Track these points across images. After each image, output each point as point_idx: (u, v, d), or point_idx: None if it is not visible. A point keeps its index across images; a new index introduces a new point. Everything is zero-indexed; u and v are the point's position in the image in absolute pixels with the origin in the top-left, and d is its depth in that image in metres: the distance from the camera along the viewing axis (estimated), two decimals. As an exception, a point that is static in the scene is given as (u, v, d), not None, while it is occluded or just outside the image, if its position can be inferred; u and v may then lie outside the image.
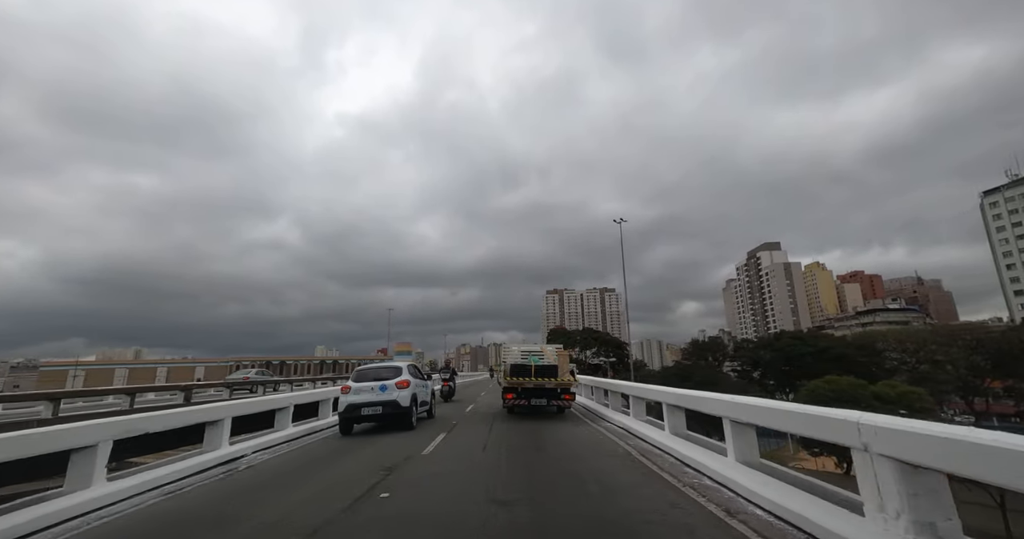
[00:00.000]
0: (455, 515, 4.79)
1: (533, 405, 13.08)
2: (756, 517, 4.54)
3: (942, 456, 2.93)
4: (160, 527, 4.91)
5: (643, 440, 8.85)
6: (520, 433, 10.36)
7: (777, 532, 4.15)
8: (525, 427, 11.22)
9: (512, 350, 13.76)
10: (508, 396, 13.13)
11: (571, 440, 9.40)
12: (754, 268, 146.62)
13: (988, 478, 2.69)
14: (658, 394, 8.80)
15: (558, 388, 12.87)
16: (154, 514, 5.33)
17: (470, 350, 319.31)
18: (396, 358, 67.88)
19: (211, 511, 5.38)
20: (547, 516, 4.74)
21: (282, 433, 10.38)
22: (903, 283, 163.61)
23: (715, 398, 6.37)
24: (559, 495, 5.50)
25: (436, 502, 5.39)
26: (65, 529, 4.72)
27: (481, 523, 4.43)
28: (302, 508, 5.19)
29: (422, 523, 4.62)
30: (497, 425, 11.67)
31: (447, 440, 9.63)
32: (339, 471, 7.13)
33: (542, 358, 13.17)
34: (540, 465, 7.11)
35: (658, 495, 5.38)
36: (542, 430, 10.70)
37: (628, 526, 4.39)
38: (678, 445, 7.41)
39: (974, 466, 2.72)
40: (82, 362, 73.61)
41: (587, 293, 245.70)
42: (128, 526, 4.94)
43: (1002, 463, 2.54)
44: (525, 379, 12.88)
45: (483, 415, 14.04)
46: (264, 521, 4.81)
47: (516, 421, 12.40)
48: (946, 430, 2.92)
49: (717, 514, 4.66)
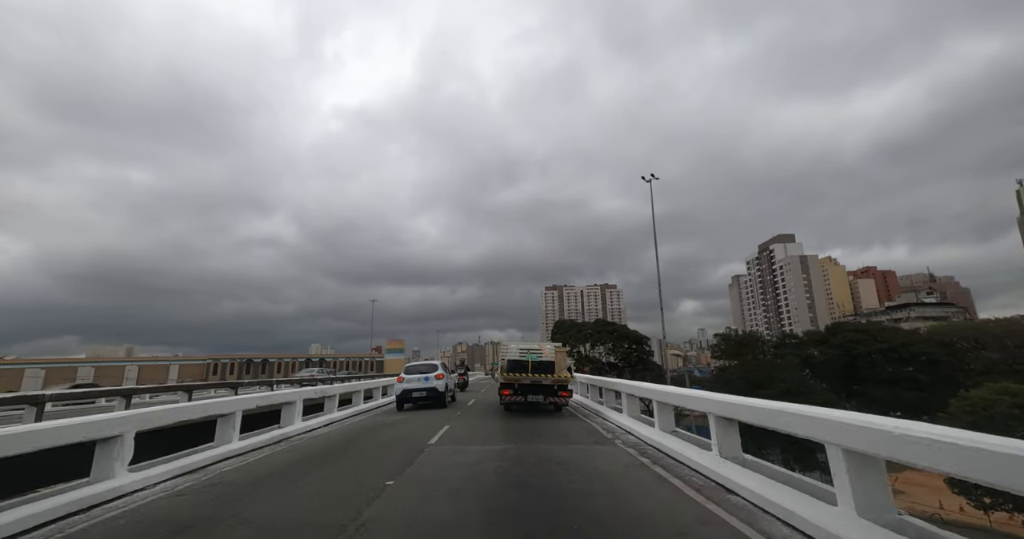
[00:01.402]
0: (488, 447, 8.53)
1: (530, 401, 13.11)
2: (733, 503, 5.09)
3: (893, 448, 3.29)
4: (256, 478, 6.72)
5: (633, 435, 9.40)
6: (519, 432, 10.65)
7: (752, 515, 4.65)
8: (524, 425, 11.53)
9: (511, 348, 13.93)
10: (504, 392, 13.27)
11: (567, 428, 10.98)
12: (766, 261, 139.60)
13: (941, 468, 2.96)
14: (648, 392, 9.30)
15: (555, 385, 12.98)
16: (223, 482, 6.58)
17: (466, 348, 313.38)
18: (387, 355, 66.94)
19: (320, 451, 8.79)
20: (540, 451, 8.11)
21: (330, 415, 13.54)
22: (914, 280, 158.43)
23: (701, 396, 6.86)
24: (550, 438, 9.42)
25: (473, 440, 9.35)
26: (88, 516, 5.07)
27: (501, 450, 8.17)
28: (393, 446, 8.97)
29: (469, 450, 8.27)
30: (498, 407, 15.15)
31: (467, 412, 14.58)
32: (406, 428, 11.46)
33: (540, 355, 13.30)
34: (538, 427, 11.01)
35: (644, 479, 6.25)
36: (539, 424, 11.63)
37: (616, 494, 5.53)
38: (667, 440, 7.84)
39: (921, 457, 3.06)
40: (40, 359, 66.84)
41: (587, 289, 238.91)
42: (167, 507, 5.42)
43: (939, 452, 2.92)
44: (522, 375, 13.02)
45: (488, 401, 18.46)
46: (363, 456, 8.24)
47: (514, 417, 12.95)
48: (899, 425, 3.31)
49: (697, 500, 5.24)
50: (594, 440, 9.19)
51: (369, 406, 16.81)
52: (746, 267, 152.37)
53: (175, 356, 74.88)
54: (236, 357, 72.86)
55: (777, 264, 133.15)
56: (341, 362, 76.55)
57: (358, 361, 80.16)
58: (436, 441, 9.22)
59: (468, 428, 11.06)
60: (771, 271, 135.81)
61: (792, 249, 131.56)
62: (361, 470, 6.95)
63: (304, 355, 79.50)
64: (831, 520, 3.84)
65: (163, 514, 5.06)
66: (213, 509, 5.16)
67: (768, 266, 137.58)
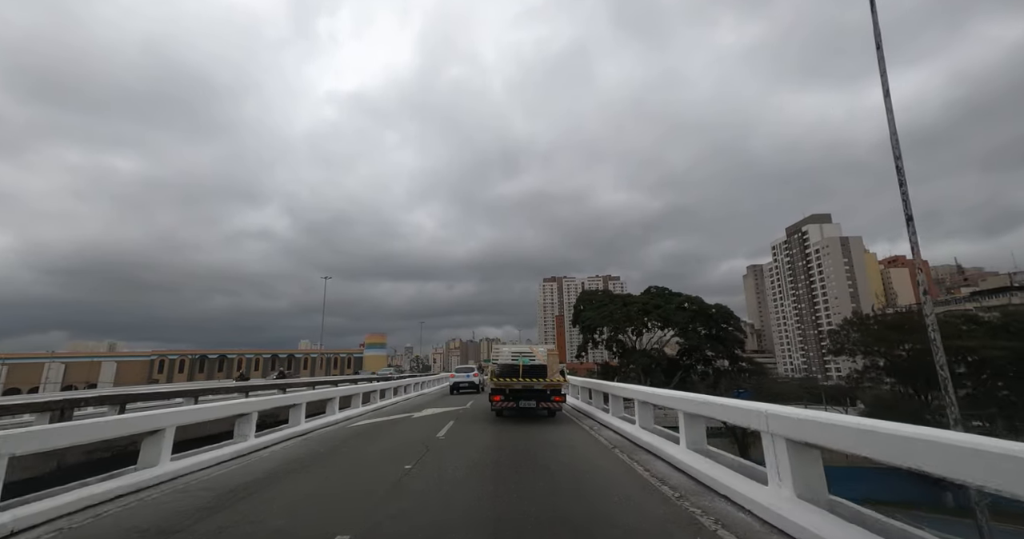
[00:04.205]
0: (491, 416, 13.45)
1: (522, 407, 12.92)
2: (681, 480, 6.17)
3: (814, 434, 4.05)
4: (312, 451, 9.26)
5: (616, 432, 10.19)
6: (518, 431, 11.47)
7: (695, 491, 5.61)
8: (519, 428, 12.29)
9: (502, 351, 13.71)
10: (495, 398, 13.06)
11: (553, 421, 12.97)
12: (798, 245, 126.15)
13: (842, 448, 3.71)
14: (632, 393, 10.04)
15: (547, 389, 12.74)
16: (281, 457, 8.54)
17: (459, 344, 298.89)
18: (367, 351, 67.13)
19: (373, 429, 12.11)
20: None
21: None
22: (939, 272, 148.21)
23: (670, 395, 7.83)
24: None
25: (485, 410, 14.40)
26: (137, 498, 5.91)
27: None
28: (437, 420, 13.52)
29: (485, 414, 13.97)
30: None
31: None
32: (451, 402, 19.50)
33: (532, 358, 13.04)
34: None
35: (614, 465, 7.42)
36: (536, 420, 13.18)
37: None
38: (644, 435, 8.68)
39: (830, 440, 3.85)
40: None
41: (588, 281, 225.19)
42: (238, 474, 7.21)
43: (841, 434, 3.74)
44: (513, 380, 12.72)
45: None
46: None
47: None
48: (816, 415, 4.16)
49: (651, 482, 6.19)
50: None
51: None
52: (771, 253, 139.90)
53: (110, 351, 59.66)
54: (186, 353, 57.89)
55: (812, 247, 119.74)
56: (298, 359, 63.58)
57: (334, 357, 68.81)
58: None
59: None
60: (804, 256, 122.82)
61: (829, 230, 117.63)
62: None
63: (269, 351, 64.94)
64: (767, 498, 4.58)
65: (206, 493, 6.01)
66: (269, 479, 6.71)
67: (801, 250, 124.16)
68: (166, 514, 5.07)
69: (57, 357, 61.49)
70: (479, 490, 5.76)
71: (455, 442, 9.52)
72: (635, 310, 43.03)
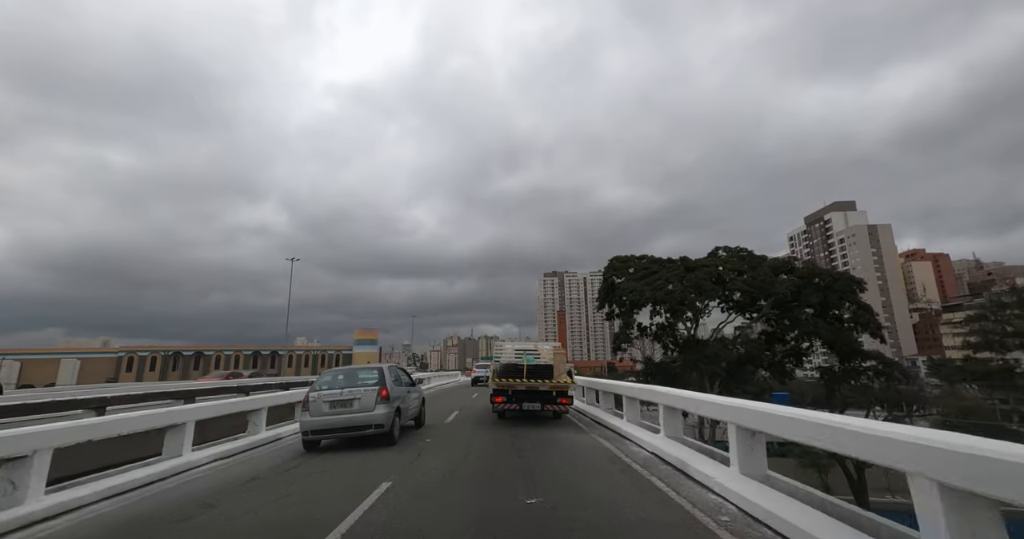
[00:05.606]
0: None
1: (525, 410, 12.08)
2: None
3: (762, 423, 4.94)
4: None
5: (607, 427, 10.93)
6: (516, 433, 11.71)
7: (665, 473, 6.46)
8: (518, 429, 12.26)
9: (505, 348, 13.22)
10: (497, 399, 12.23)
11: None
12: (819, 235, 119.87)
13: (783, 435, 4.56)
14: (625, 389, 10.74)
15: (553, 391, 11.94)
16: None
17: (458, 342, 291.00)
18: (357, 348, 66.27)
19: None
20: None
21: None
22: (958, 267, 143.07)
23: (656, 390, 8.58)
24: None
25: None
26: (161, 485, 6.74)
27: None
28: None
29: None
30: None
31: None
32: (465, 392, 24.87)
33: (537, 357, 12.43)
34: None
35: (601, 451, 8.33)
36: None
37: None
38: (629, 428, 9.65)
39: (771, 428, 4.77)
40: None
41: (591, 276, 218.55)
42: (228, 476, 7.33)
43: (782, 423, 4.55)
44: (516, 381, 11.96)
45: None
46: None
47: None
48: (763, 406, 5.08)
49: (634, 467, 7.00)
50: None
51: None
52: (788, 244, 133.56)
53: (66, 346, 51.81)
54: (158, 349, 50.15)
55: (836, 237, 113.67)
56: (282, 356, 56.30)
57: (321, 354, 62.00)
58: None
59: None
60: (826, 246, 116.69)
61: (854, 218, 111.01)
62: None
63: (251, 347, 57.32)
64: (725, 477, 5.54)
65: (229, 477, 6.97)
66: (298, 460, 8.07)
67: (823, 240, 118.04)
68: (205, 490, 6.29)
69: (8, 353, 53.17)
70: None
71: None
72: (704, 277, 27.81)
